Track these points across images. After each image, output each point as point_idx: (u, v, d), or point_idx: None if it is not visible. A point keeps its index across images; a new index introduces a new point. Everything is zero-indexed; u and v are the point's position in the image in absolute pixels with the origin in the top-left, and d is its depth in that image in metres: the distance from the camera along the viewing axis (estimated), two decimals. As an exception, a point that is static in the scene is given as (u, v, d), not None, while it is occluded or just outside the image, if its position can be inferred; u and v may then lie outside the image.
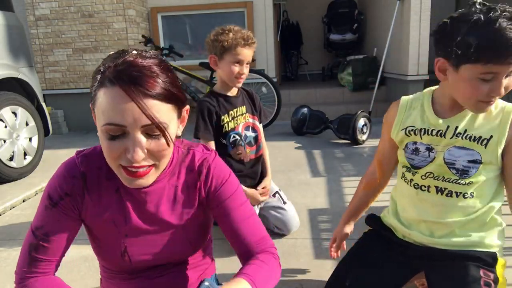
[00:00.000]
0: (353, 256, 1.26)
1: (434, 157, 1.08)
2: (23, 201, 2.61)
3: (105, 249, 0.91)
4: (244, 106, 1.85)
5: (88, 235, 0.92)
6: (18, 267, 0.84)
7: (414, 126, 1.12)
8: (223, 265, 1.41)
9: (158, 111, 0.71)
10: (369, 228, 1.33)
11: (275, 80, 4.72)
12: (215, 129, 1.77)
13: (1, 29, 2.97)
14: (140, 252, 0.89)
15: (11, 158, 2.93)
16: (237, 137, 1.81)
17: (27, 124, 3.12)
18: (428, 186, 1.11)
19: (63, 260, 0.88)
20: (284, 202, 1.93)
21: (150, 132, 0.72)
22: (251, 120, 1.88)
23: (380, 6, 5.34)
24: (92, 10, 4.67)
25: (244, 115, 1.84)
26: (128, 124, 0.70)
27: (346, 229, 1.39)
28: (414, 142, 1.12)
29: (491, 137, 1.02)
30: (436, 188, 1.09)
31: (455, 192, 1.07)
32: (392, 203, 1.27)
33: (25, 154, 3.08)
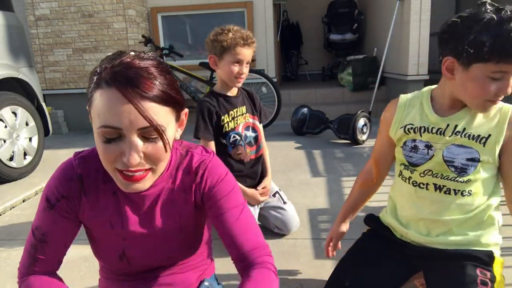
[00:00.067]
0: (352, 255, 1.26)
1: (433, 155, 1.09)
2: (23, 201, 2.61)
3: (104, 250, 0.90)
4: (244, 106, 1.85)
5: (88, 236, 0.92)
6: (20, 264, 0.86)
7: (413, 124, 1.13)
8: (223, 265, 1.40)
9: (155, 114, 0.69)
10: (368, 228, 1.34)
11: (275, 80, 4.72)
12: (215, 129, 1.77)
13: (1, 29, 2.97)
14: (139, 255, 0.89)
15: (11, 158, 2.93)
16: (237, 137, 1.81)
17: (27, 124, 3.12)
18: (427, 184, 1.12)
19: (63, 260, 0.88)
20: (284, 202, 1.92)
21: (147, 135, 0.70)
22: (251, 120, 1.88)
23: (380, 6, 5.34)
24: (92, 10, 4.68)
25: (244, 115, 1.84)
26: (124, 127, 0.68)
27: (342, 228, 1.40)
28: (413, 140, 1.13)
29: (490, 136, 1.04)
30: (435, 185, 1.10)
31: (453, 190, 1.08)
32: (390, 202, 1.28)
33: (25, 154, 3.08)
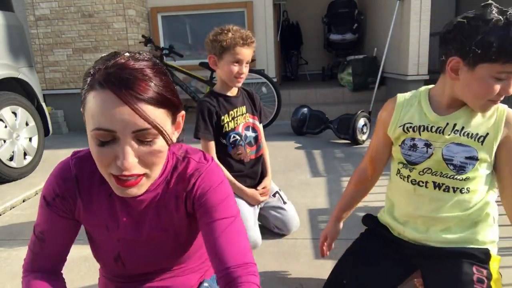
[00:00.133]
0: (350, 255, 1.27)
1: (432, 153, 1.10)
2: (23, 201, 2.61)
3: (101, 251, 0.90)
4: (244, 106, 1.85)
5: (87, 236, 0.92)
6: (24, 261, 0.88)
7: (412, 123, 1.14)
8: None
9: (150, 116, 0.68)
10: (365, 228, 1.35)
11: (275, 80, 4.72)
12: (215, 129, 1.77)
13: (1, 29, 2.97)
14: (134, 259, 0.88)
15: (11, 158, 2.93)
16: (237, 137, 1.81)
17: (27, 124, 3.12)
18: (426, 182, 1.13)
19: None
20: (284, 202, 1.93)
21: (142, 138, 0.68)
22: (251, 120, 1.88)
23: (380, 6, 5.34)
24: (92, 10, 4.68)
25: (244, 115, 1.84)
26: (118, 130, 0.66)
27: (337, 227, 1.40)
28: (412, 139, 1.14)
29: (488, 135, 1.06)
30: (434, 183, 1.11)
31: (452, 188, 1.10)
32: (388, 201, 1.28)
33: (25, 154, 3.08)
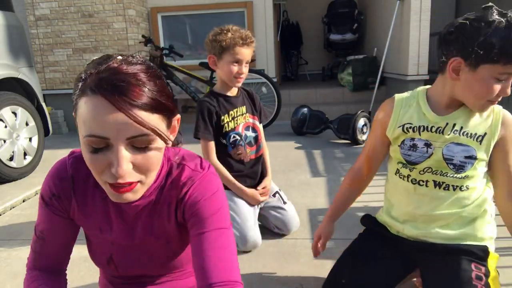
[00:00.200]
0: (349, 255, 1.28)
1: (432, 153, 1.11)
2: (23, 201, 2.61)
3: (95, 252, 0.91)
4: (244, 106, 1.85)
5: (85, 236, 0.92)
6: (27, 259, 0.90)
7: (411, 123, 1.14)
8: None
9: (145, 122, 0.66)
10: (364, 229, 1.36)
11: (275, 80, 4.72)
12: (215, 129, 1.77)
13: (1, 29, 2.97)
14: (126, 263, 0.88)
15: (11, 158, 2.93)
16: (237, 137, 1.81)
17: (27, 124, 3.12)
18: (426, 181, 1.14)
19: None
20: (284, 202, 1.92)
21: (137, 144, 0.66)
22: (251, 120, 1.88)
23: (380, 6, 5.34)
24: (92, 10, 4.68)
25: (244, 115, 1.84)
26: (112, 136, 0.64)
27: (331, 227, 1.40)
28: (412, 139, 1.14)
29: (485, 134, 1.08)
30: (434, 182, 1.13)
31: (452, 186, 1.11)
32: (386, 202, 1.29)
33: (25, 154, 3.08)
